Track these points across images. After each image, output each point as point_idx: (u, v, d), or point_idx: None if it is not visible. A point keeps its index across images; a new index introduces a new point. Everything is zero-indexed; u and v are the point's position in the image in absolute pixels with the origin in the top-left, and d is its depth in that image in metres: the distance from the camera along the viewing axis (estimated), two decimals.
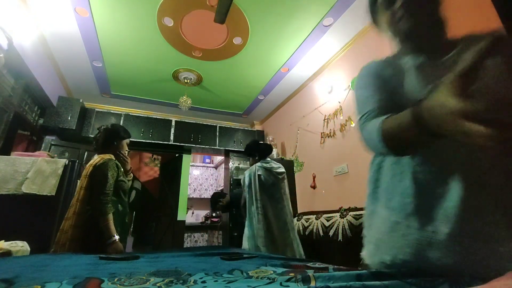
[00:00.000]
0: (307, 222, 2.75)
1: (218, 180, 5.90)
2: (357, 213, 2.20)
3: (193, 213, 5.62)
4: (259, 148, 2.27)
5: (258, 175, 2.09)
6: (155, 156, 5.11)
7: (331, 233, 2.30)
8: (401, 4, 0.61)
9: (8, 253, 1.18)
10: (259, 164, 2.16)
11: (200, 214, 5.65)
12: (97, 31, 2.64)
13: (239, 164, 4.14)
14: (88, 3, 2.30)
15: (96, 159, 1.61)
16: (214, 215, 5.27)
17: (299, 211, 3.30)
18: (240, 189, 2.34)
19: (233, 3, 2.24)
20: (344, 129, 2.82)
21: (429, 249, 0.49)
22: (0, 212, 1.82)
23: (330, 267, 0.75)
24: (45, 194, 1.97)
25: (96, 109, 3.74)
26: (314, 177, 3.19)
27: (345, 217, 2.27)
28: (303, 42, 2.85)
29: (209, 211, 5.48)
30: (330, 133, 3.02)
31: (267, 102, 4.23)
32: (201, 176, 5.96)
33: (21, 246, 1.26)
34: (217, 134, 4.34)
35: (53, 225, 1.96)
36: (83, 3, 2.30)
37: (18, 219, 1.89)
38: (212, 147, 4.24)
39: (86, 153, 3.41)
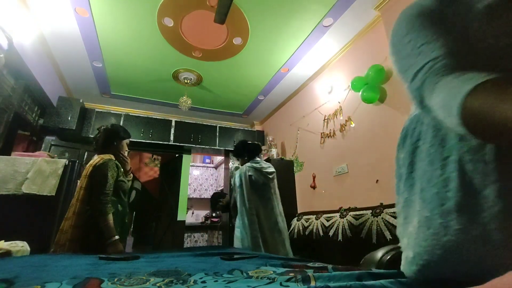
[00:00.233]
0: (307, 222, 2.76)
1: (218, 180, 5.91)
2: (357, 213, 2.20)
3: (193, 213, 5.62)
4: (248, 148, 2.25)
5: (248, 175, 2.07)
6: (155, 156, 5.11)
7: (331, 233, 2.31)
8: None
9: (8, 253, 1.18)
10: (249, 164, 2.14)
11: (200, 214, 5.65)
12: (97, 31, 2.65)
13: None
14: (88, 3, 2.30)
15: (96, 159, 1.61)
16: (214, 215, 5.27)
17: (299, 211, 3.30)
18: None
19: (233, 4, 2.24)
20: (344, 129, 2.82)
21: (467, 256, 0.40)
22: (0, 212, 1.83)
23: (329, 266, 0.75)
24: (45, 194, 1.97)
25: (96, 109, 3.74)
26: (314, 177, 3.19)
27: (345, 217, 2.27)
28: (303, 42, 2.85)
29: (209, 211, 5.49)
30: (330, 133, 3.02)
31: (267, 102, 4.23)
32: (201, 176, 5.96)
33: (21, 246, 1.26)
34: (217, 134, 4.34)
35: (53, 225, 1.96)
36: (83, 3, 2.31)
37: (18, 219, 1.89)
38: (212, 147, 4.24)
39: (86, 154, 3.41)
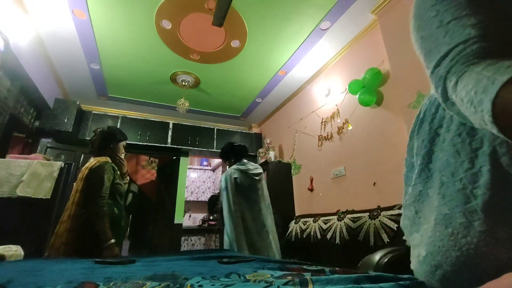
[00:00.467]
0: (304, 225, 2.75)
1: (215, 183, 5.89)
2: (355, 216, 2.20)
3: (190, 216, 5.58)
4: (234, 150, 2.23)
5: (234, 178, 2.04)
6: (152, 158, 5.09)
7: (329, 236, 2.30)
8: None
9: (1, 258, 1.16)
10: (235, 166, 2.11)
11: (197, 217, 5.62)
12: (95, 33, 2.64)
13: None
14: (86, 5, 2.30)
15: (92, 162, 1.60)
16: (211, 218, 5.24)
17: (297, 213, 3.30)
18: None
19: (231, 7, 2.25)
20: (341, 132, 2.83)
21: (488, 261, 0.35)
22: None
23: (327, 269, 0.75)
24: (40, 197, 1.95)
25: (93, 112, 3.72)
26: (311, 180, 3.19)
27: (343, 220, 2.27)
28: (301, 45, 2.87)
29: (206, 214, 5.46)
30: (327, 136, 3.03)
31: (265, 104, 4.24)
32: (199, 178, 5.94)
33: (14, 250, 1.24)
34: (215, 136, 4.34)
35: (48, 228, 1.93)
36: (81, 5, 2.30)
37: (12, 222, 1.86)
38: (209, 150, 4.23)
39: (82, 156, 3.38)
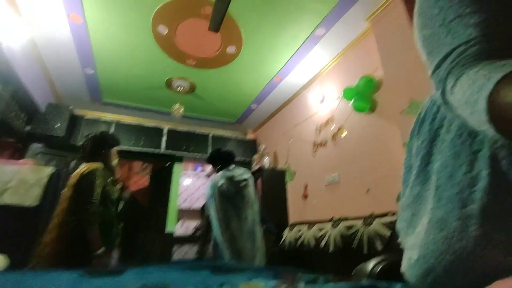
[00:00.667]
0: (299, 232, 2.72)
1: None
2: (348, 223, 2.19)
3: (183, 224, 5.48)
4: (221, 156, 2.21)
5: (219, 185, 2.00)
6: (145, 164, 5.02)
7: (323, 243, 2.28)
8: None
9: None
10: (221, 173, 2.08)
11: (190, 225, 5.52)
12: (91, 38, 2.62)
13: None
14: (82, 10, 2.29)
15: (83, 167, 1.56)
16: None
17: (291, 221, 3.27)
18: None
19: (227, 13, 2.27)
20: (335, 138, 2.84)
21: (483, 266, 0.35)
22: None
23: (320, 277, 0.73)
24: (27, 204, 1.89)
25: (86, 117, 3.67)
26: (306, 187, 3.18)
27: (337, 227, 2.26)
28: (296, 51, 2.90)
29: (199, 222, 5.37)
30: (322, 142, 3.04)
31: (260, 110, 4.25)
32: (192, 185, 5.87)
33: None
34: (210, 143, 4.31)
35: (34, 237, 1.86)
36: (77, 10, 2.29)
37: None
38: (204, 156, 4.20)
39: (73, 162, 3.31)
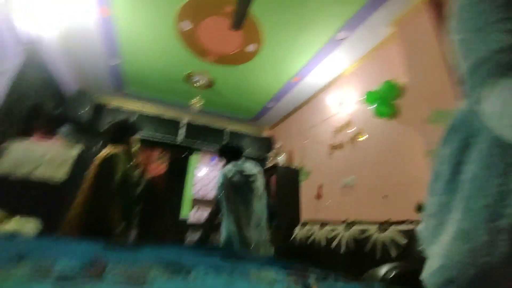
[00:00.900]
0: (310, 230, 2.73)
1: None
2: (362, 227, 2.17)
3: (196, 212, 5.62)
4: (231, 149, 2.26)
5: (229, 177, 2.06)
6: (163, 153, 5.19)
7: (334, 244, 2.27)
8: None
9: (17, 231, 1.21)
10: (231, 165, 2.14)
11: (203, 214, 5.65)
12: (117, 31, 2.75)
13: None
14: (111, 3, 2.40)
15: (105, 151, 1.65)
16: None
17: (303, 219, 3.27)
18: None
19: (249, 12, 2.30)
20: (353, 142, 2.80)
21: (509, 284, 0.35)
22: (13, 194, 1.88)
23: (331, 275, 0.75)
24: (56, 180, 2.03)
25: (109, 105, 3.85)
26: (320, 187, 3.16)
27: (350, 229, 2.24)
28: (316, 53, 2.88)
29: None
30: (339, 144, 3.01)
31: (277, 109, 4.25)
32: (207, 176, 5.99)
33: (31, 224, 1.29)
34: (226, 138, 4.39)
35: (61, 211, 2.00)
36: (107, 3, 2.41)
37: (29, 202, 1.94)
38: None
39: (97, 146, 3.48)
